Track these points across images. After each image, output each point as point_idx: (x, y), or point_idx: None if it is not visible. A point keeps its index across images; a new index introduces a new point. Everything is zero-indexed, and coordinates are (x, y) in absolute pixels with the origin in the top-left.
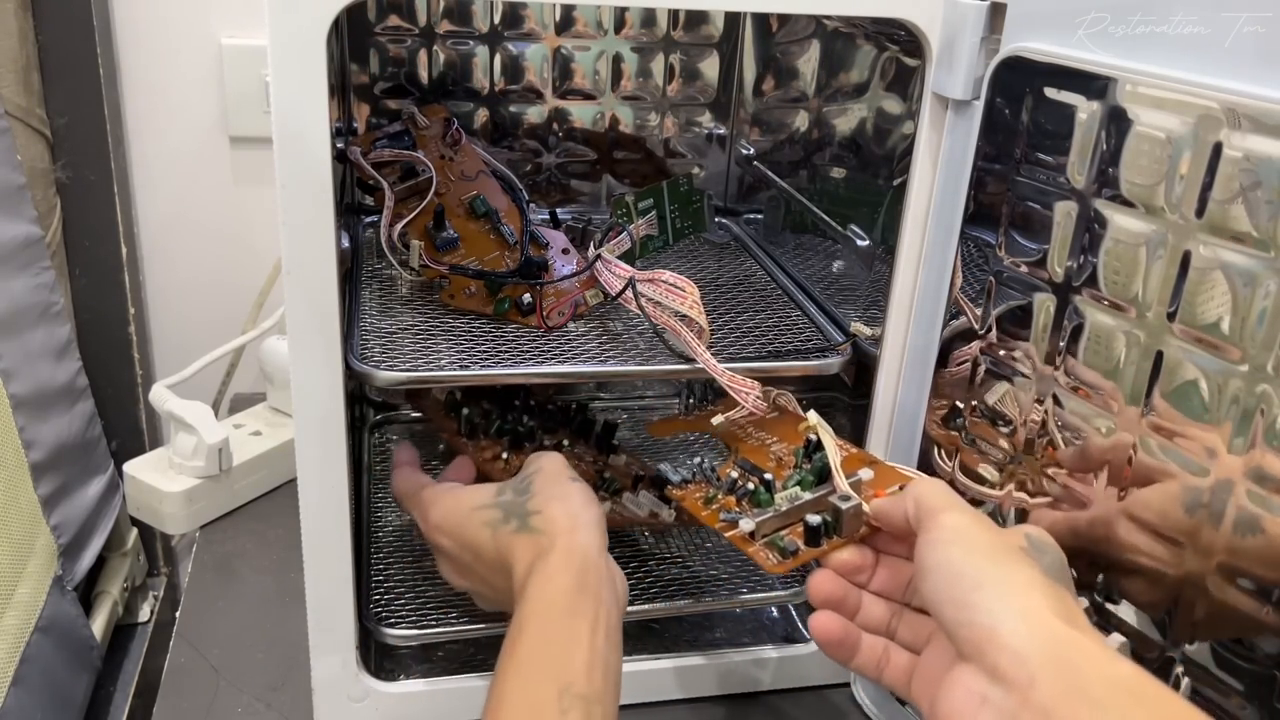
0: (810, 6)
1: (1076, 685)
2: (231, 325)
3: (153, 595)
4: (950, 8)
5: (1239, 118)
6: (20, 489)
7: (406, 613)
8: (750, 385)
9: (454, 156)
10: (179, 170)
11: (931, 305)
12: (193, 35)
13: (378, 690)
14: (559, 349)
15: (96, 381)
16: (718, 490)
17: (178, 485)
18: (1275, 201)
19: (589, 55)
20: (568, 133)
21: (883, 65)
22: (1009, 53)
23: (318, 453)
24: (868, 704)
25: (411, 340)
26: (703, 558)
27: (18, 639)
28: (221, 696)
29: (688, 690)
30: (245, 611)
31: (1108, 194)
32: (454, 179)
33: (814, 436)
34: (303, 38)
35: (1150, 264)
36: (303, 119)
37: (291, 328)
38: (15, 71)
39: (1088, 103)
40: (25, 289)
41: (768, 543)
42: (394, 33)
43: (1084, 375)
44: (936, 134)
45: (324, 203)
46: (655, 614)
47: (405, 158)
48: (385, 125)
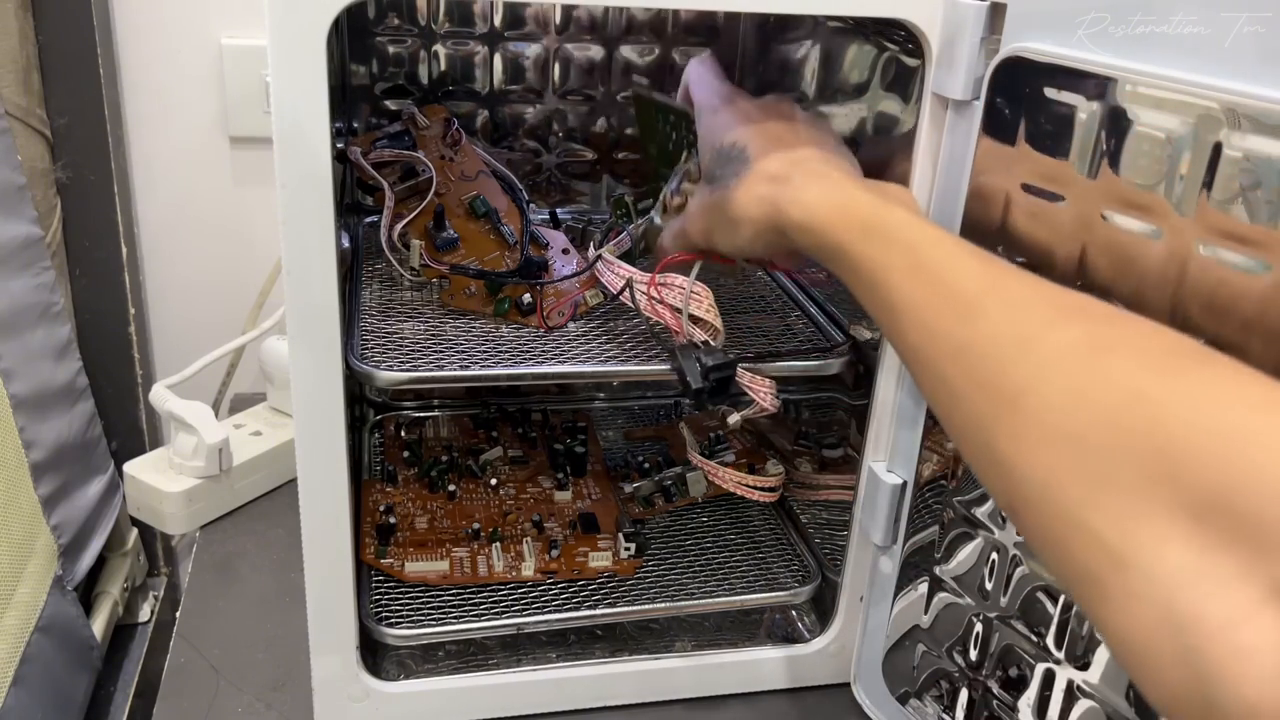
0: (810, 6)
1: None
2: (231, 325)
3: (153, 595)
4: (950, 8)
5: (1239, 118)
6: (20, 489)
7: (406, 613)
8: (767, 384)
9: (454, 157)
10: (179, 170)
11: None
12: (193, 35)
13: (378, 690)
14: (559, 349)
15: (96, 381)
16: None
17: (178, 485)
18: (1275, 201)
19: (588, 55)
20: (567, 133)
21: (883, 65)
22: (1009, 53)
23: (318, 453)
24: (868, 704)
25: (411, 340)
26: (702, 558)
27: (18, 639)
28: (221, 696)
29: (687, 690)
30: (245, 611)
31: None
32: (454, 179)
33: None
34: (303, 38)
35: (1150, 264)
36: (303, 119)
37: (291, 328)
38: (15, 71)
39: (1088, 103)
40: (25, 289)
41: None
42: (394, 33)
43: None
44: (936, 134)
45: (324, 203)
46: (655, 614)
47: (405, 158)
48: (385, 125)
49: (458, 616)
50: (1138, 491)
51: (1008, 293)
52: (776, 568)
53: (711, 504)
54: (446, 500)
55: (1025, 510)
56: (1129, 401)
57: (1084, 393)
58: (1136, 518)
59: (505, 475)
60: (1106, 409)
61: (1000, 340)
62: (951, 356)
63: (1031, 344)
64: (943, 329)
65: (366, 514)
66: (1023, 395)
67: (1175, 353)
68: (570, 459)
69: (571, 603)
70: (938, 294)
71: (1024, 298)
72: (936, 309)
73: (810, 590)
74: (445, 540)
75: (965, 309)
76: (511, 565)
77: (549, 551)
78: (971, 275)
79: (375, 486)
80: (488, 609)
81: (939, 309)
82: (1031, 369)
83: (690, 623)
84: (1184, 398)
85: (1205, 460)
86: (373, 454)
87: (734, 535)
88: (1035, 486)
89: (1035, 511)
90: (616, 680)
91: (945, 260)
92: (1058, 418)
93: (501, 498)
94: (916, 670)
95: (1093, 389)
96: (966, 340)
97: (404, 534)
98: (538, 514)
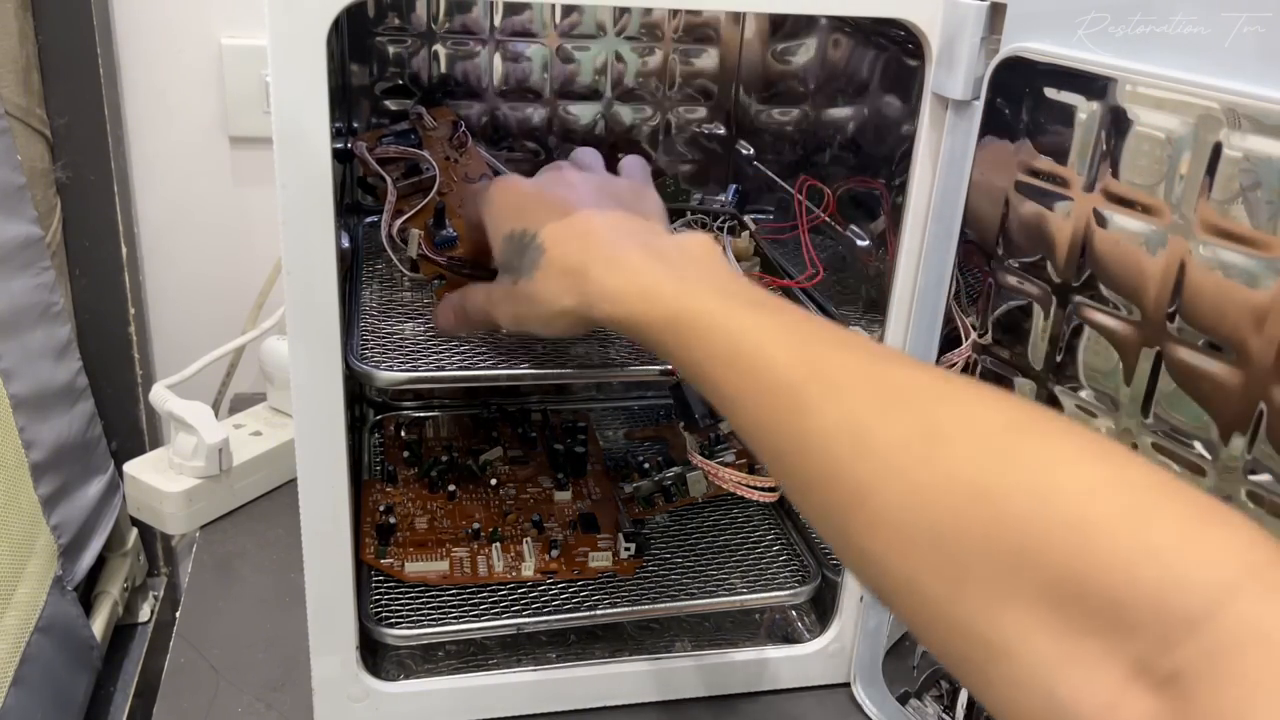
0: (810, 6)
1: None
2: (231, 325)
3: (153, 595)
4: (950, 8)
5: (1239, 118)
6: (20, 489)
7: (406, 613)
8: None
9: (459, 158)
10: (179, 170)
11: (931, 305)
12: (193, 35)
13: (378, 690)
14: (559, 349)
15: (96, 381)
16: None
17: (178, 485)
18: (1275, 201)
19: (589, 55)
20: (566, 134)
21: (883, 65)
22: (1009, 53)
23: (318, 453)
24: (868, 704)
25: (411, 340)
26: (702, 558)
27: (18, 639)
28: (221, 696)
29: (687, 690)
30: (245, 611)
31: (1107, 194)
32: (457, 179)
33: None
34: (303, 38)
35: (1150, 264)
36: (303, 119)
37: (291, 328)
38: (15, 71)
39: (1088, 103)
40: (25, 289)
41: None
42: (394, 33)
43: (1081, 377)
44: (936, 134)
45: (324, 203)
46: (655, 614)
47: (411, 155)
48: (391, 125)
49: (458, 617)
50: (997, 582)
51: (830, 377)
52: (776, 568)
53: (711, 504)
54: (446, 500)
55: (895, 601)
56: (971, 499)
57: (926, 492)
58: (1001, 609)
59: (505, 475)
60: (951, 509)
61: (832, 435)
62: (789, 450)
63: (865, 439)
64: (774, 423)
65: (366, 514)
66: (867, 494)
67: (1010, 428)
68: (570, 459)
69: (571, 603)
70: (760, 385)
71: (847, 382)
72: (763, 402)
73: (810, 590)
74: (445, 540)
75: (791, 401)
76: (511, 565)
77: (549, 551)
78: (789, 362)
79: (375, 486)
80: (488, 609)
81: (766, 402)
82: (870, 467)
83: (690, 623)
84: (1024, 487)
85: (1052, 550)
86: (373, 454)
87: (734, 535)
88: (900, 580)
89: (905, 603)
90: (616, 680)
91: (761, 347)
92: (906, 516)
93: (501, 498)
94: (916, 670)
95: (933, 488)
96: (799, 434)
97: (404, 534)
98: (538, 514)
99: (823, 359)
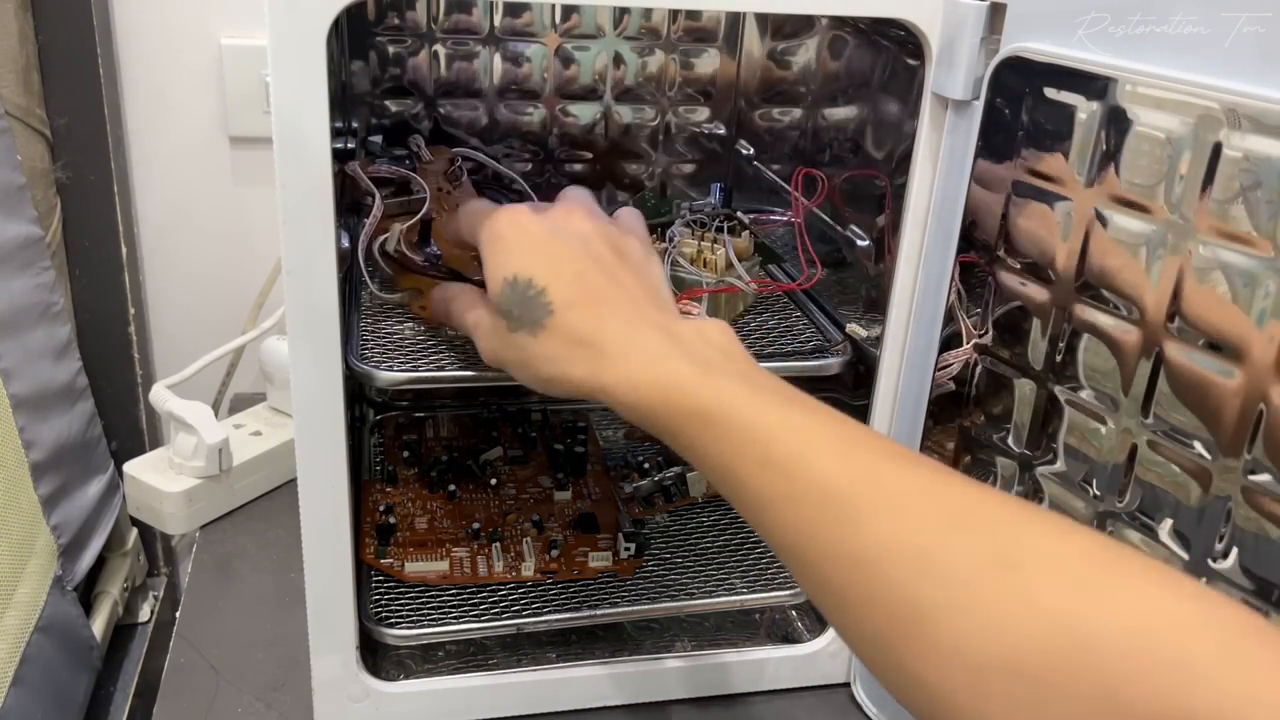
0: (810, 6)
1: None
2: (231, 325)
3: (153, 595)
4: (950, 8)
5: (1239, 118)
6: (20, 489)
7: (406, 613)
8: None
9: (452, 190)
10: (179, 170)
11: (931, 305)
12: (193, 35)
13: (378, 690)
14: None
15: (96, 381)
16: None
17: (178, 485)
18: (1275, 201)
19: (589, 56)
20: (566, 134)
21: (882, 65)
22: (1009, 53)
23: (318, 453)
24: (868, 704)
25: (411, 340)
26: (702, 558)
27: (18, 639)
28: (221, 696)
29: (687, 690)
30: (245, 611)
31: (1108, 194)
32: (446, 210)
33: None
34: (303, 38)
35: (1150, 264)
36: (303, 119)
37: (291, 328)
38: (15, 71)
39: (1088, 103)
40: (25, 289)
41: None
42: (394, 33)
43: (1081, 377)
44: (936, 134)
45: (324, 203)
46: (655, 614)
47: (403, 176)
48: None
49: (458, 617)
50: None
51: (884, 489)
52: (776, 567)
53: (711, 504)
54: (446, 500)
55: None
56: (1055, 628)
57: (1003, 618)
58: None
59: (505, 475)
60: (1032, 636)
61: (892, 552)
62: (835, 565)
63: (929, 557)
64: (814, 532)
65: (366, 514)
66: (932, 618)
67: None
68: (570, 459)
69: (571, 603)
70: (798, 490)
71: (905, 497)
72: (802, 510)
73: None
74: (445, 540)
75: (839, 512)
76: (511, 565)
77: (549, 551)
78: (835, 470)
79: (375, 486)
80: (488, 609)
81: (807, 511)
82: (936, 588)
83: (690, 623)
84: (1115, 622)
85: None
86: (373, 454)
87: (734, 535)
88: (965, 713)
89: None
90: (617, 680)
91: (799, 451)
92: (979, 644)
93: (501, 498)
94: None
95: (1012, 614)
96: (846, 547)
97: (404, 534)
98: (538, 514)
99: (874, 469)
